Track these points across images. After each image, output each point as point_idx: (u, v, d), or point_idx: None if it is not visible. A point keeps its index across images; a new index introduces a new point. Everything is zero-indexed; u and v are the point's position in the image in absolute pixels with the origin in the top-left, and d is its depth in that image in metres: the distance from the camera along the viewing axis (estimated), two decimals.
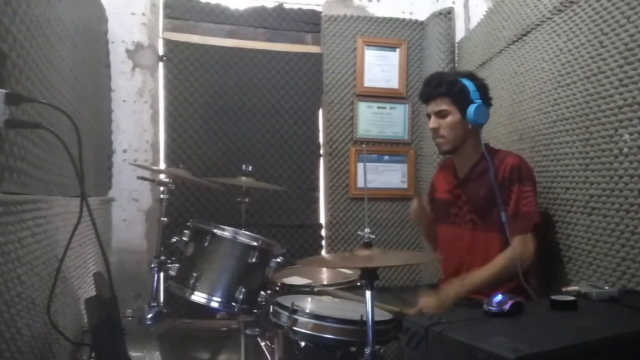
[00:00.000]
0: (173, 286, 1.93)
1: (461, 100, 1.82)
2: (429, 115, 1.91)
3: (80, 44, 1.95)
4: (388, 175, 3.10)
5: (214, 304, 1.85)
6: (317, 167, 3.05)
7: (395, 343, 1.71)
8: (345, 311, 1.58)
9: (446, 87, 1.84)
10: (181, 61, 2.84)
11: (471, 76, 1.88)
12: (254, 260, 1.88)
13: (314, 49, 3.06)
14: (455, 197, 1.95)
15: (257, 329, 1.86)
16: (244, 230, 1.99)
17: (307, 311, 1.58)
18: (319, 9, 3.07)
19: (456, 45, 2.95)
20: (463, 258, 1.90)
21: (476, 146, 1.89)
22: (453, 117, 1.84)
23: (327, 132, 3.03)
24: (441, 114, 1.86)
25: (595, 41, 1.63)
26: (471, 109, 1.80)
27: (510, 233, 1.74)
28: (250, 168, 2.43)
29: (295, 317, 1.55)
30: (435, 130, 1.88)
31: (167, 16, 2.87)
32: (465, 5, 3.04)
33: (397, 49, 3.10)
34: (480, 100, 1.82)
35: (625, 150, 1.49)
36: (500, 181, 1.78)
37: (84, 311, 1.75)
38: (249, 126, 2.93)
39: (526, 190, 1.75)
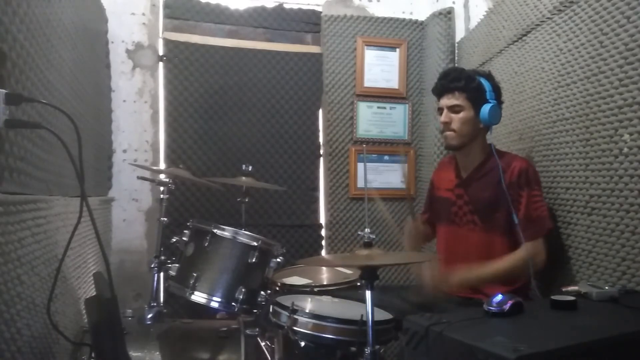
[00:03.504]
0: (173, 286, 1.93)
1: (477, 98, 1.81)
2: (440, 110, 1.89)
3: (80, 44, 1.95)
4: (388, 175, 3.10)
5: (214, 304, 1.86)
6: (317, 167, 3.04)
7: (395, 343, 1.71)
8: (345, 311, 1.58)
9: (464, 82, 1.82)
10: (181, 61, 2.83)
11: (489, 76, 1.88)
12: (254, 260, 1.88)
13: (314, 49, 3.06)
14: (456, 197, 1.94)
15: (257, 329, 1.86)
16: (244, 230, 1.99)
17: (307, 311, 1.58)
18: (319, 9, 3.07)
19: (456, 45, 2.95)
20: (462, 258, 1.88)
21: (483, 146, 1.88)
22: (466, 113, 1.83)
23: (327, 132, 3.03)
24: (454, 109, 1.84)
25: (595, 41, 1.63)
26: (486, 108, 1.79)
27: (522, 238, 1.73)
28: (250, 168, 2.42)
29: (295, 317, 1.55)
30: (446, 124, 1.86)
31: (167, 16, 2.87)
32: (465, 5, 3.05)
33: (397, 49, 3.10)
34: (495, 101, 1.81)
35: (625, 150, 1.49)
36: (508, 184, 1.76)
37: (84, 311, 1.75)
38: (249, 126, 2.93)
39: (535, 195, 1.74)
